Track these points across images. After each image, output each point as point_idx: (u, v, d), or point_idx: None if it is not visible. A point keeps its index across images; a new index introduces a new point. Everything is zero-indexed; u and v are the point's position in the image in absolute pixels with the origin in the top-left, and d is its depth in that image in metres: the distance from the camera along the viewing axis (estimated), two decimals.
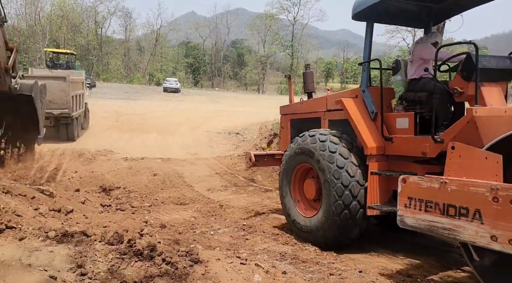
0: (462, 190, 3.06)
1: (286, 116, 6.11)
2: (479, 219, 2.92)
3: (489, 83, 3.86)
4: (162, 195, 7.38)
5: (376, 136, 4.43)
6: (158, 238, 3.67)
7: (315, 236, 4.60)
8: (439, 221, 3.19)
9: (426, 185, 3.31)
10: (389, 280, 3.67)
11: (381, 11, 4.66)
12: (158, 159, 11.55)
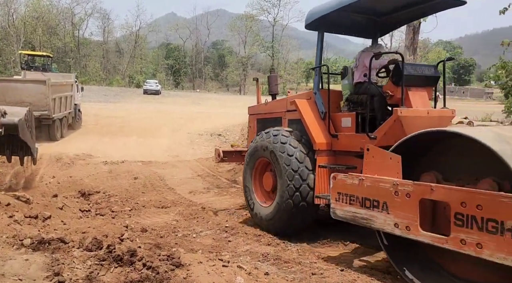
0: (374, 185, 3.57)
1: (253, 116, 6.59)
2: (386, 209, 3.46)
3: (415, 88, 4.43)
4: (143, 198, 7.28)
5: (324, 134, 4.93)
6: (139, 243, 3.62)
7: (273, 223, 5.03)
8: (359, 212, 3.70)
9: (350, 181, 3.81)
10: (370, 277, 3.72)
11: (330, 22, 5.13)
12: (139, 162, 11.38)
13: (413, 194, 3.26)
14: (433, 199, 3.16)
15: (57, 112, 14.76)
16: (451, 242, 2.97)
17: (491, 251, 2.74)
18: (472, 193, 2.89)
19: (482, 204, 2.79)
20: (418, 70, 4.51)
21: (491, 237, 2.74)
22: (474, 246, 2.83)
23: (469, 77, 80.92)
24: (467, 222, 2.86)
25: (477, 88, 71.17)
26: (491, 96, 61.85)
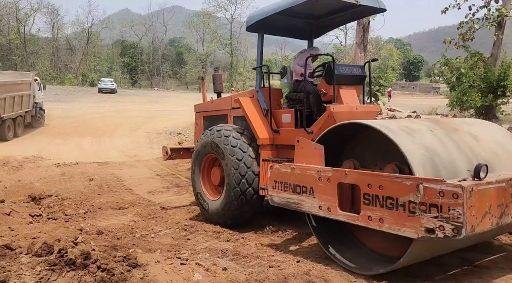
0: (303, 173, 3.93)
1: (199, 113, 6.78)
2: (312, 194, 3.84)
3: (346, 86, 4.94)
4: (99, 200, 7.07)
5: (267, 130, 5.26)
6: (93, 245, 3.54)
7: (218, 216, 5.33)
8: (292, 197, 4.05)
9: (284, 170, 4.14)
10: (325, 267, 3.86)
11: (269, 25, 5.43)
12: (94, 163, 11.03)
13: (332, 179, 3.66)
14: (348, 182, 3.59)
15: (8, 112, 14.67)
16: (361, 218, 3.42)
17: (389, 224, 3.18)
18: (375, 176, 3.35)
19: (383, 185, 3.22)
20: (348, 70, 5.01)
21: (389, 212, 3.18)
22: (377, 221, 3.27)
23: (418, 73, 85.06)
24: (372, 201, 3.30)
25: (426, 83, 74.87)
26: (438, 91, 65.36)
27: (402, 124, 3.84)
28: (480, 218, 2.89)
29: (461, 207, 2.77)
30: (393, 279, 3.55)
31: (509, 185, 3.15)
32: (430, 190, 2.92)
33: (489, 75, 15.48)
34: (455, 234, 2.80)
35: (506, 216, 3.12)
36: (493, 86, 15.49)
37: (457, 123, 4.21)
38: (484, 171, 3.00)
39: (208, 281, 3.36)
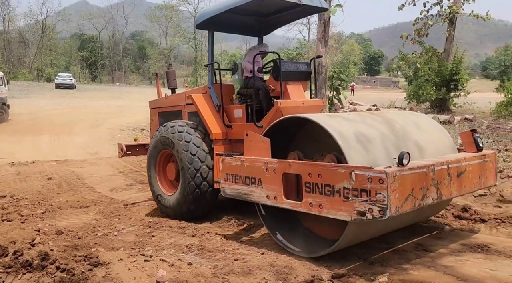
0: (252, 165, 4.14)
1: (154, 109, 6.83)
2: (261, 184, 4.06)
3: (292, 82, 5.12)
4: (58, 199, 6.83)
5: (220, 125, 5.39)
6: (52, 246, 3.44)
7: (174, 211, 5.45)
8: (242, 188, 4.26)
9: (234, 163, 4.34)
10: (288, 257, 3.96)
11: (219, 23, 5.57)
12: (53, 161, 10.61)
13: (277, 170, 3.89)
14: (291, 172, 3.82)
15: None
16: (303, 205, 3.68)
17: (328, 209, 3.46)
18: (314, 166, 3.62)
19: (321, 173, 3.49)
20: (294, 66, 5.17)
21: (327, 198, 3.46)
22: (318, 207, 3.55)
23: (379, 67, 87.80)
24: (313, 188, 3.57)
25: (386, 78, 77.43)
26: (397, 85, 67.76)
27: (340, 116, 4.20)
28: (403, 200, 3.21)
29: (386, 191, 3.05)
30: (352, 265, 3.71)
31: (430, 170, 3.47)
32: (361, 176, 3.19)
33: (443, 70, 16.29)
34: (381, 215, 3.08)
35: (427, 198, 3.46)
36: (446, 80, 16.33)
37: (390, 115, 4.63)
38: (407, 158, 3.29)
39: (172, 276, 3.36)
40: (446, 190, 3.65)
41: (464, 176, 3.89)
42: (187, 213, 5.36)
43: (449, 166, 3.69)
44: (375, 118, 4.26)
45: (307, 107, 5.04)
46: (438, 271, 3.44)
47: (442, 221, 5.06)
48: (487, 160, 4.24)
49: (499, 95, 15.55)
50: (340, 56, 59.30)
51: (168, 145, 5.45)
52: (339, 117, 4.12)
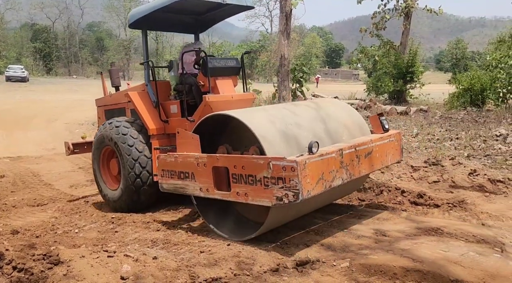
0: (184, 160, 4.37)
1: (100, 107, 6.91)
2: (194, 178, 4.31)
3: (222, 77, 5.36)
4: (13, 198, 6.53)
5: (157, 120, 5.57)
6: (7, 245, 3.30)
7: (120, 203, 5.61)
8: (178, 183, 4.50)
9: (169, 159, 4.55)
10: (253, 248, 4.02)
11: (152, 21, 5.68)
12: (6, 158, 10.09)
13: (207, 164, 4.16)
14: (220, 165, 4.08)
15: None
16: (232, 195, 3.98)
17: (252, 197, 3.79)
18: (238, 158, 3.94)
19: (244, 165, 3.79)
20: (222, 63, 5.45)
21: (251, 187, 3.77)
22: (244, 195, 3.86)
23: (340, 60, 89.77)
24: (239, 179, 3.87)
25: (347, 70, 79.31)
26: (357, 77, 69.63)
27: (263, 109, 4.57)
28: (314, 184, 3.60)
29: (297, 178, 3.41)
30: (313, 250, 3.83)
31: (338, 154, 3.90)
32: (276, 166, 3.54)
33: (399, 62, 16.92)
34: (295, 199, 3.47)
35: (337, 179, 3.90)
36: (402, 72, 16.97)
37: (312, 104, 5.00)
38: (316, 146, 3.63)
39: (137, 271, 3.33)
40: (355, 170, 4.12)
41: (372, 155, 4.38)
42: (132, 204, 5.54)
43: (356, 149, 4.14)
44: (298, 109, 4.64)
45: (236, 101, 5.28)
46: (395, 254, 3.62)
47: (399, 207, 5.31)
48: (392, 139, 4.76)
49: (451, 87, 16.39)
50: (302, 49, 59.98)
51: (109, 141, 5.63)
52: (262, 111, 4.45)
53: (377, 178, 6.34)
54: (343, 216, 5.07)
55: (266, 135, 3.86)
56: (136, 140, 5.43)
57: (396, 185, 5.96)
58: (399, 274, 3.25)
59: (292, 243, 4.18)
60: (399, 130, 5.39)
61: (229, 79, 5.49)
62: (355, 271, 3.38)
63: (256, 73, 64.26)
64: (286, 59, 11.14)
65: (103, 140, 5.78)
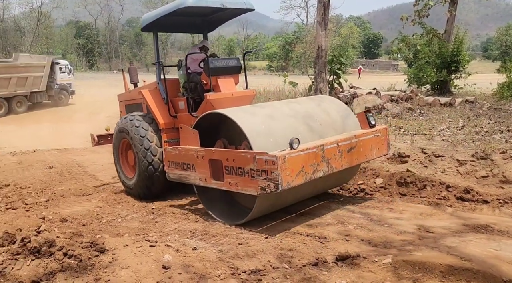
0: (186, 153, 4.90)
1: (122, 102, 7.33)
2: (194, 169, 4.82)
3: (223, 76, 5.73)
4: (61, 188, 6.86)
5: (166, 115, 5.97)
6: (58, 233, 3.46)
7: (136, 190, 6.03)
8: (181, 173, 5.06)
9: (174, 152, 5.12)
10: (292, 240, 4.00)
11: (161, 24, 6.08)
12: (54, 150, 10.61)
13: (205, 156, 4.64)
14: (215, 158, 4.52)
15: None
16: (225, 184, 4.44)
17: (241, 187, 4.23)
18: (230, 152, 4.42)
19: (235, 158, 4.23)
20: (223, 62, 5.81)
21: (241, 178, 4.21)
22: (235, 185, 4.30)
23: (378, 50, 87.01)
24: (230, 170, 4.31)
25: (385, 61, 76.79)
26: (397, 68, 67.27)
27: (256, 106, 5.03)
28: (294, 176, 3.97)
29: (277, 170, 3.81)
30: (353, 245, 3.74)
31: (319, 149, 4.22)
32: (260, 160, 3.95)
33: (443, 51, 16.11)
34: (276, 189, 3.86)
35: (318, 172, 4.23)
36: (447, 61, 16.15)
37: (304, 101, 5.48)
38: (296, 142, 3.99)
39: (178, 261, 3.40)
40: (337, 163, 4.45)
41: (355, 150, 4.70)
42: (146, 190, 5.92)
43: (339, 144, 4.47)
44: (289, 106, 5.08)
45: (236, 98, 5.64)
46: (441, 251, 3.46)
47: (444, 203, 5.08)
48: (378, 135, 5.03)
49: (500, 76, 15.44)
50: (339, 40, 58.66)
51: (125, 134, 6.08)
52: (255, 108, 4.92)
53: (420, 171, 6.10)
54: (384, 211, 4.93)
55: (254, 132, 4.26)
56: (147, 132, 5.83)
57: (441, 179, 5.70)
58: (446, 272, 3.11)
59: (330, 237, 4.11)
60: (386, 126, 5.64)
61: (230, 77, 5.83)
62: (398, 267, 3.27)
63: (291, 65, 63.67)
64: (324, 51, 10.90)
65: (120, 133, 6.21)
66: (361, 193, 5.77)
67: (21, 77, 18.86)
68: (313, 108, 5.10)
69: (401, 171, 6.07)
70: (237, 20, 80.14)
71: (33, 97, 20.18)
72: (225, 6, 5.60)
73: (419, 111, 11.49)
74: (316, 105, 5.24)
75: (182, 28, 7.17)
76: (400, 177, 5.76)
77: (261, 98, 13.89)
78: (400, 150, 6.42)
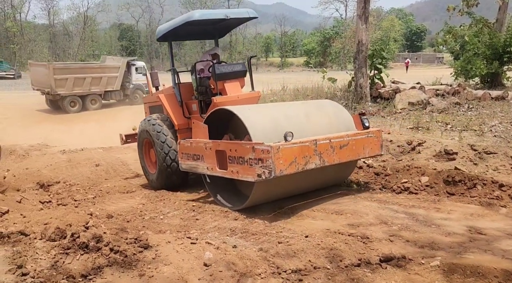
0: (197, 145, 5.45)
1: (146, 104, 7.99)
2: (203, 159, 5.39)
3: (230, 80, 6.28)
4: (106, 185, 7.14)
5: (181, 117, 6.58)
6: (104, 229, 3.59)
7: (157, 183, 6.64)
8: (192, 163, 5.62)
9: (186, 144, 5.68)
10: (333, 240, 3.91)
11: (176, 34, 6.59)
12: (100, 148, 11.08)
13: (212, 148, 5.18)
14: (220, 149, 5.05)
15: (69, 90, 19.33)
16: (228, 173, 4.97)
17: (242, 174, 4.73)
18: (232, 144, 4.94)
19: (237, 149, 4.73)
20: (229, 68, 6.37)
21: (241, 167, 4.70)
22: (236, 173, 4.80)
23: (421, 43, 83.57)
24: (233, 160, 4.82)
25: (429, 53, 73.67)
26: (442, 60, 64.32)
27: (260, 106, 5.68)
28: (287, 165, 4.42)
29: (271, 159, 4.29)
30: (397, 246, 3.59)
31: (312, 144, 4.67)
32: (257, 150, 4.43)
33: (495, 42, 15.13)
34: (270, 175, 4.33)
35: (310, 164, 4.66)
36: (498, 52, 15.16)
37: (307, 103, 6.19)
38: (290, 136, 4.51)
39: (219, 259, 3.42)
40: (329, 158, 4.86)
41: (347, 147, 5.08)
42: (164, 186, 6.54)
43: (331, 141, 4.88)
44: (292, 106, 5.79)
45: (242, 100, 6.18)
46: (496, 255, 3.25)
47: (497, 203, 4.78)
48: (371, 135, 5.38)
49: None
50: (379, 33, 56.90)
51: (146, 133, 6.73)
52: (259, 107, 5.59)
53: (469, 169, 5.78)
54: (430, 211, 4.71)
55: (254, 126, 4.77)
56: (163, 128, 6.49)
57: (493, 178, 5.37)
58: (502, 278, 2.91)
59: (373, 237, 3.98)
60: (379, 128, 5.97)
61: (236, 81, 6.38)
62: (447, 271, 3.10)
63: (329, 61, 62.62)
64: (364, 45, 10.60)
65: (142, 133, 6.85)
66: (405, 191, 5.56)
67: (95, 77, 20.61)
68: (313, 110, 5.62)
69: (449, 168, 5.78)
70: (274, 17, 79.53)
71: (107, 95, 21.83)
72: (229, 16, 6.15)
73: (467, 106, 10.88)
74: (316, 107, 5.81)
75: (194, 36, 8.03)
76: (447, 175, 5.48)
77: (300, 96, 13.76)
78: (447, 147, 6.11)
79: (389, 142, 6.87)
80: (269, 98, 13.69)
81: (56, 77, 19.07)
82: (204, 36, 7.89)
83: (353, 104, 10.74)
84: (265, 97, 13.94)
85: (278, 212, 5.14)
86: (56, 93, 19.23)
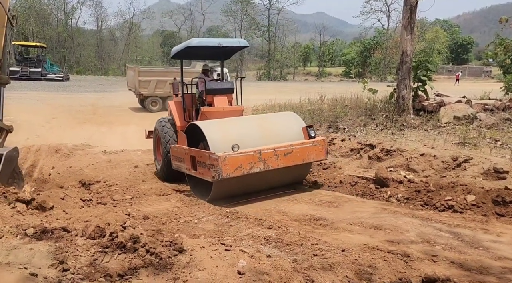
0: (180, 150, 6.82)
1: (169, 107, 8.83)
2: (184, 162, 6.69)
3: (219, 95, 7.67)
4: (143, 186, 7.30)
5: (182, 120, 7.81)
6: (141, 230, 3.63)
7: (162, 173, 7.97)
8: (178, 164, 6.93)
9: (175, 149, 7.04)
10: (372, 256, 3.75)
11: (187, 53, 8.13)
12: (138, 150, 11.38)
13: (188, 153, 6.49)
14: (193, 155, 6.34)
15: (150, 91, 21.08)
16: (197, 173, 6.28)
17: (204, 175, 6.06)
18: (198, 151, 6.26)
19: (201, 156, 6.09)
20: (219, 85, 7.88)
21: (204, 169, 6.02)
22: (202, 174, 6.14)
23: (467, 55, 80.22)
24: (200, 163, 6.16)
25: (476, 66, 70.59)
26: (489, 74, 61.39)
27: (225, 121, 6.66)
28: (233, 170, 5.68)
29: (219, 165, 5.59)
30: (441, 267, 3.38)
31: (256, 153, 5.87)
32: (212, 158, 5.75)
33: None
34: (218, 178, 5.64)
35: (255, 168, 5.86)
36: None
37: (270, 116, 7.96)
38: (236, 147, 5.71)
39: (253, 267, 3.36)
40: (273, 163, 6.01)
41: (292, 154, 6.19)
42: (167, 176, 7.78)
43: (275, 149, 6.03)
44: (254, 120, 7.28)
45: (226, 112, 7.39)
46: None
47: None
48: (315, 144, 6.44)
49: None
50: (423, 45, 55.18)
51: (157, 131, 8.21)
52: (226, 121, 6.66)
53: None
54: (477, 231, 4.43)
55: (213, 138, 6.02)
56: (169, 129, 7.84)
57: None
58: None
59: (415, 256, 3.78)
60: (324, 138, 7.05)
61: (224, 96, 7.70)
62: None
63: (369, 71, 61.43)
64: (408, 56, 10.26)
65: (156, 131, 8.36)
66: (449, 210, 5.28)
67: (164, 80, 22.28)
68: (268, 123, 6.75)
69: (498, 188, 5.42)
70: (314, 26, 78.93)
71: None
72: (221, 44, 7.35)
73: None
74: (272, 120, 6.98)
75: (202, 56, 10.16)
76: (497, 195, 5.15)
77: (338, 106, 13.52)
78: (497, 165, 5.74)
79: (433, 157, 6.57)
80: (306, 108, 13.55)
81: (140, 79, 20.81)
82: (210, 56, 9.77)
83: (394, 117, 10.37)
84: (302, 107, 13.81)
85: (314, 223, 5.03)
86: (139, 93, 21.05)
